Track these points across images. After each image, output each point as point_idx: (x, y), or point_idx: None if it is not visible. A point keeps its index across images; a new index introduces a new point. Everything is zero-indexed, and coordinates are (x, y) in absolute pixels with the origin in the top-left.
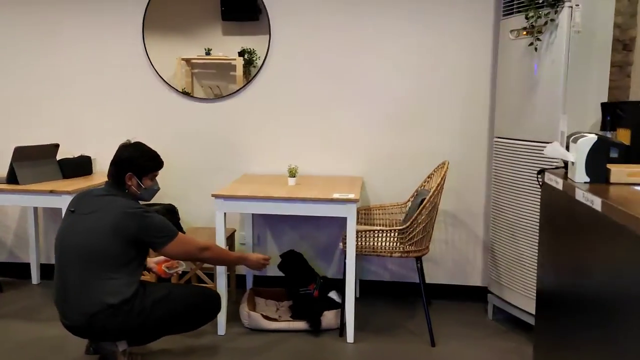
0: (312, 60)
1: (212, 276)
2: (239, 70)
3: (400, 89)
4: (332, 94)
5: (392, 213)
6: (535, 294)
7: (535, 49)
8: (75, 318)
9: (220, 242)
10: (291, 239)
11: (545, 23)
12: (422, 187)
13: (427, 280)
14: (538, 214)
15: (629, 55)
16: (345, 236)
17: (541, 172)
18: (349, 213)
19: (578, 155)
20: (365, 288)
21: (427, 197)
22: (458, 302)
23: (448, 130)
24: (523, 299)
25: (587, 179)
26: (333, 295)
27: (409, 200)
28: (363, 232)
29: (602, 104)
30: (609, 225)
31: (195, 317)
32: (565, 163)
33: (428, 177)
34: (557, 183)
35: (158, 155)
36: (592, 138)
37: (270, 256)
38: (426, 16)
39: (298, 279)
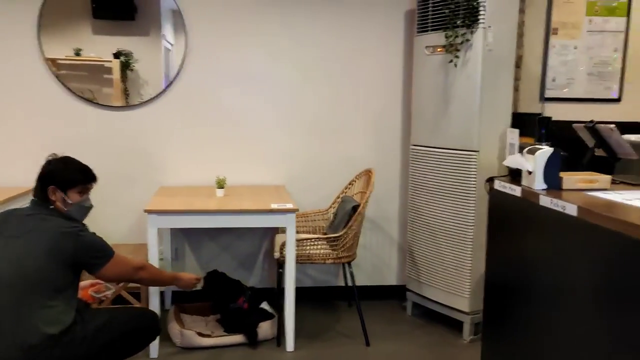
0: (228, 68)
1: (138, 296)
2: (116, 74)
3: (317, 98)
4: (250, 103)
5: (314, 220)
6: (453, 289)
7: (455, 65)
8: (11, 353)
9: (154, 260)
10: (211, 250)
11: (462, 42)
12: (345, 194)
13: (349, 283)
14: (456, 215)
15: (517, 72)
16: (283, 245)
17: (490, 180)
18: (289, 223)
19: (536, 165)
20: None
21: (361, 205)
22: (376, 302)
23: (364, 139)
24: (442, 293)
25: (545, 186)
26: (265, 306)
27: (331, 207)
28: (299, 241)
29: (538, 119)
30: (586, 227)
31: (139, 340)
32: (513, 171)
33: (349, 183)
34: (514, 190)
35: (88, 169)
36: (548, 150)
37: (200, 276)
38: (343, 28)
39: (225, 296)
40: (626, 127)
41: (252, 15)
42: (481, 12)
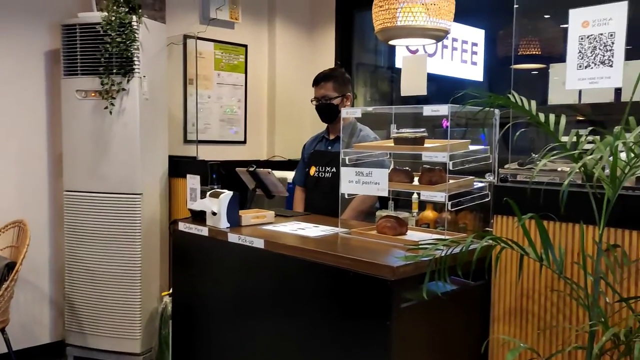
0: None
1: None
2: None
3: None
4: None
5: None
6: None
7: (111, 112)
8: None
9: None
10: None
11: (118, 90)
12: None
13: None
14: (122, 258)
15: None
16: None
17: (174, 222)
18: None
19: (220, 206)
20: None
21: (19, 262)
22: None
23: (2, 185)
24: (110, 340)
25: (228, 225)
26: None
27: None
28: None
29: (209, 165)
30: (271, 256)
31: None
32: (195, 213)
33: None
34: (201, 230)
35: None
36: (229, 193)
37: None
38: None
39: None
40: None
41: None
42: (136, 62)
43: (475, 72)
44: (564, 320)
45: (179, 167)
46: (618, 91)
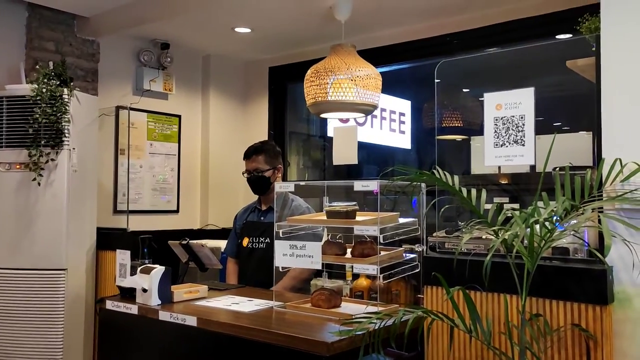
0: None
1: None
2: None
3: None
4: None
5: None
6: None
7: (39, 183)
8: None
9: None
10: None
11: (47, 161)
12: None
13: None
14: (43, 338)
15: None
16: None
17: (101, 300)
18: None
19: (152, 283)
20: None
21: None
22: None
23: None
24: None
25: (159, 302)
26: None
27: None
28: None
29: (140, 239)
30: (205, 334)
31: None
32: (124, 290)
33: None
34: (130, 309)
35: None
36: (161, 269)
37: None
38: None
39: None
40: (182, 233)
41: None
42: (66, 135)
43: (403, 140)
44: None
45: (108, 239)
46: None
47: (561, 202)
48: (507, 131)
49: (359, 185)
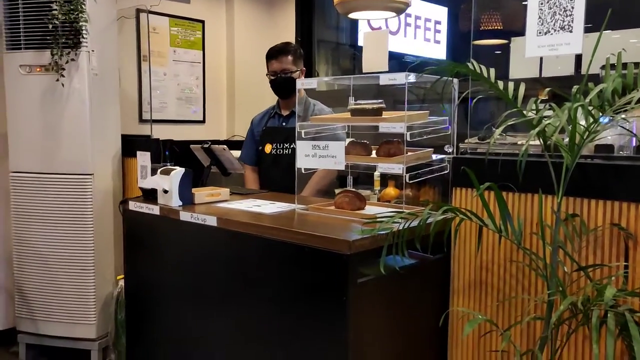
0: None
1: None
2: None
3: None
4: None
5: None
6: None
7: (63, 84)
8: None
9: None
10: None
11: (67, 62)
12: None
13: None
14: (73, 241)
15: None
16: None
17: (124, 202)
18: None
19: (172, 184)
20: None
21: None
22: None
23: None
24: (64, 326)
25: (180, 203)
26: None
27: None
28: None
29: (162, 141)
30: (225, 234)
31: None
32: (147, 192)
33: None
34: (152, 209)
35: None
36: (180, 170)
37: None
38: None
39: None
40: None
41: None
42: (84, 35)
43: (438, 51)
44: (523, 292)
45: (133, 146)
46: (578, 64)
47: (610, 81)
48: (553, 16)
49: (385, 79)
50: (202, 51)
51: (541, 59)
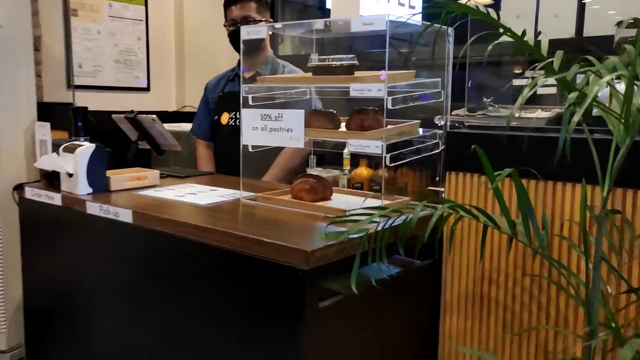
0: None
1: None
2: None
3: None
4: None
5: None
6: None
7: None
8: None
9: None
10: None
11: None
12: None
13: None
14: None
15: (37, 55)
16: None
17: (19, 187)
18: None
19: (77, 166)
20: None
21: None
22: None
23: None
24: None
25: (90, 190)
26: None
27: None
28: None
29: (72, 109)
30: (143, 233)
31: None
32: (50, 174)
33: None
34: (52, 198)
35: None
36: (90, 147)
37: None
38: None
39: None
40: (158, 116)
41: None
42: None
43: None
44: (539, 312)
45: (49, 116)
46: (580, 26)
47: None
48: None
49: (358, 24)
50: (144, 6)
51: (537, 17)
